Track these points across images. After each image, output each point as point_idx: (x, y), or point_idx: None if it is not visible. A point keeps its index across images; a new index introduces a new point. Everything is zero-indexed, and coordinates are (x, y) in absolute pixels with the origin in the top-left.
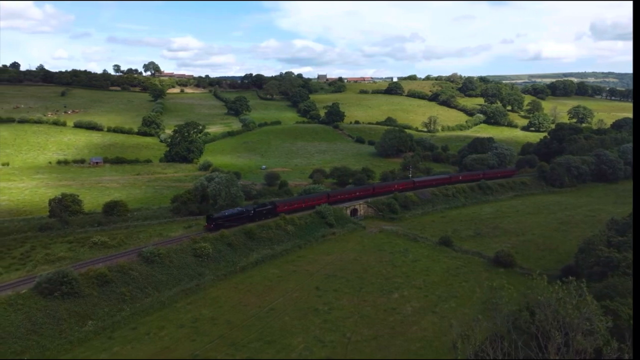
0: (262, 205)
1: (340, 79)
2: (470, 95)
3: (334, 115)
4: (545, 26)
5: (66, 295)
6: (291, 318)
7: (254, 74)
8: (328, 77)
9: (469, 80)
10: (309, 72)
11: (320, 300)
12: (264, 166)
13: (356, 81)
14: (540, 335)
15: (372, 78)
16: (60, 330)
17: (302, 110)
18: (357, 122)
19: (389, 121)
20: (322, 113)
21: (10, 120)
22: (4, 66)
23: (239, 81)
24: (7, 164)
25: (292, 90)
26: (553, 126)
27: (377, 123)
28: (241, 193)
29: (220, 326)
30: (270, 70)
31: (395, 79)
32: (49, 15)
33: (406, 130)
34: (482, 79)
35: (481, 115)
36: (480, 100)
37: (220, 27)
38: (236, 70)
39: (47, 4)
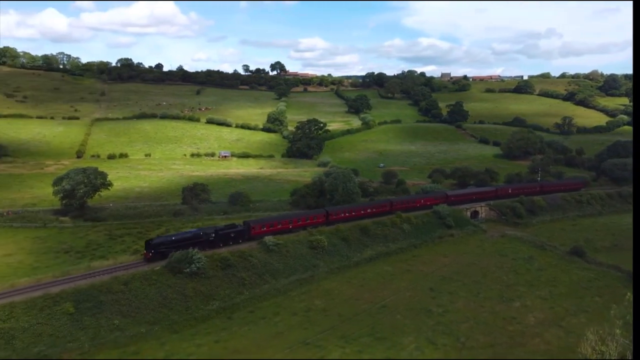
0: (229, 227)
1: (465, 77)
2: (612, 95)
3: (457, 115)
4: None
5: (193, 274)
6: (403, 317)
7: (375, 73)
8: (452, 75)
9: (612, 78)
10: (432, 70)
11: (434, 301)
12: (381, 164)
13: (482, 79)
14: None
15: (499, 76)
16: (186, 306)
17: (423, 109)
18: (481, 122)
19: (517, 121)
20: (444, 112)
21: (153, 116)
22: (150, 67)
23: (360, 80)
24: (149, 155)
25: (413, 88)
26: None
27: (504, 123)
28: (358, 189)
29: (331, 318)
30: (392, 69)
31: (525, 78)
32: (193, 21)
33: (536, 131)
34: (629, 77)
35: (625, 117)
36: (625, 100)
37: (346, 27)
38: (359, 69)
39: (192, 11)
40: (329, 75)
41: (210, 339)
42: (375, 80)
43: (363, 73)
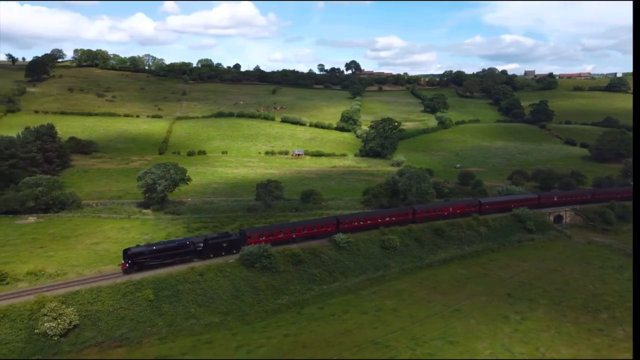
0: (222, 236)
1: (550, 75)
2: None
3: (541, 114)
4: None
5: (265, 268)
6: (477, 322)
7: (453, 71)
8: (537, 73)
9: None
10: (515, 68)
11: (511, 308)
12: (458, 165)
13: (570, 77)
14: None
15: (590, 74)
16: (258, 299)
17: (504, 109)
18: (568, 122)
19: (608, 121)
20: (526, 111)
21: (230, 115)
22: (228, 67)
23: (437, 79)
24: (226, 152)
25: (494, 87)
26: None
27: (593, 123)
28: (432, 190)
29: (402, 319)
30: (472, 67)
31: (620, 75)
32: (271, 22)
33: (630, 132)
34: None
35: None
36: None
37: (424, 26)
38: (436, 68)
39: (271, 12)
40: (405, 74)
41: (280, 333)
42: (453, 79)
43: (441, 72)
